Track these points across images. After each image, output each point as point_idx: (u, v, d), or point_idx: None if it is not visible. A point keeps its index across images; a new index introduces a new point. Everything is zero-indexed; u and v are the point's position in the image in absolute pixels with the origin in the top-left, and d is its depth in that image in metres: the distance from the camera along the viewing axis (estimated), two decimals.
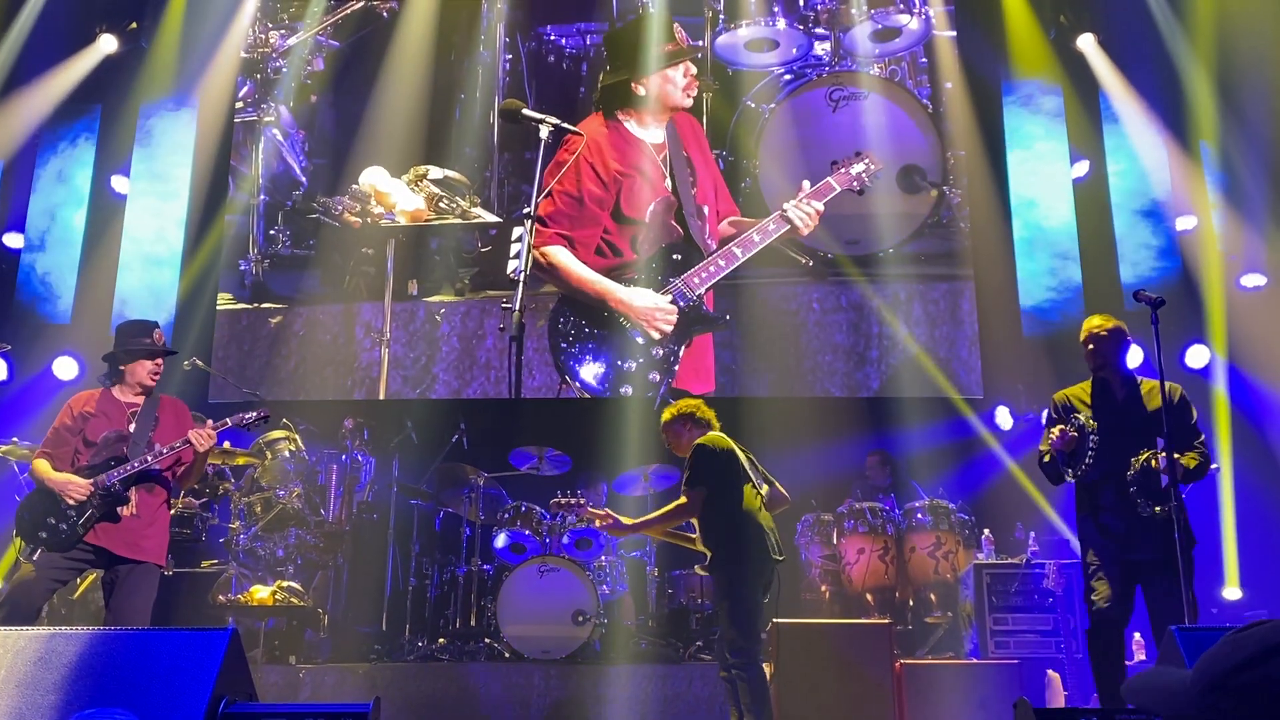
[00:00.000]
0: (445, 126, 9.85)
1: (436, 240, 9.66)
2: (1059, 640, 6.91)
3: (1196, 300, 9.02)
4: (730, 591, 5.37)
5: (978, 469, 9.03)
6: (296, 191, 9.86)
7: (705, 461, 5.49)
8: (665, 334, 8.99)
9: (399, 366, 9.41)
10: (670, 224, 9.26)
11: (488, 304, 9.48)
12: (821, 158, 9.46)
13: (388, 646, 7.77)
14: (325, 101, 10.03)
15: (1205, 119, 9.18)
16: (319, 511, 8.01)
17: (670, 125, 9.39)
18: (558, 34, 10.11)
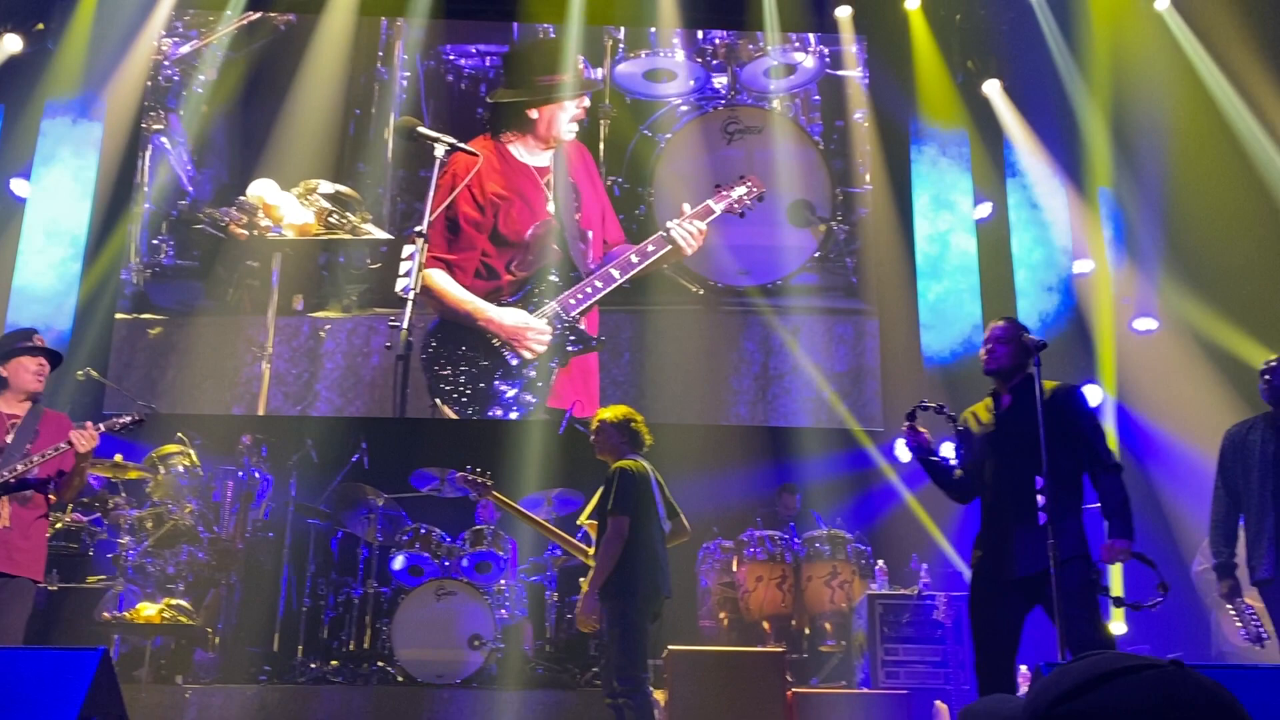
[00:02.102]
0: (339, 141, 9.79)
1: (325, 255, 9.57)
2: (947, 671, 7.03)
3: (1090, 342, 9.31)
4: (621, 620, 5.36)
5: (875, 500, 9.18)
6: (183, 201, 9.69)
7: (629, 487, 5.43)
8: (537, 354, 9.06)
9: (281, 383, 9.27)
10: (551, 247, 9.36)
11: (375, 321, 9.40)
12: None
13: (279, 668, 7.63)
14: (217, 112, 9.85)
15: (1103, 166, 9.51)
16: (213, 528, 7.84)
17: (558, 151, 9.50)
18: (457, 54, 10.13)
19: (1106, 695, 1.10)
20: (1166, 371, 9.02)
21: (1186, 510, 8.36)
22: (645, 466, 5.58)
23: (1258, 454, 5.12)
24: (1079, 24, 9.53)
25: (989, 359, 4.94)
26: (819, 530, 8.22)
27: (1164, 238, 9.30)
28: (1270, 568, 4.92)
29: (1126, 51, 9.30)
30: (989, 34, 10.22)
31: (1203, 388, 8.68)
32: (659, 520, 5.53)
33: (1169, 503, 8.50)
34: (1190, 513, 8.33)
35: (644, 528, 5.44)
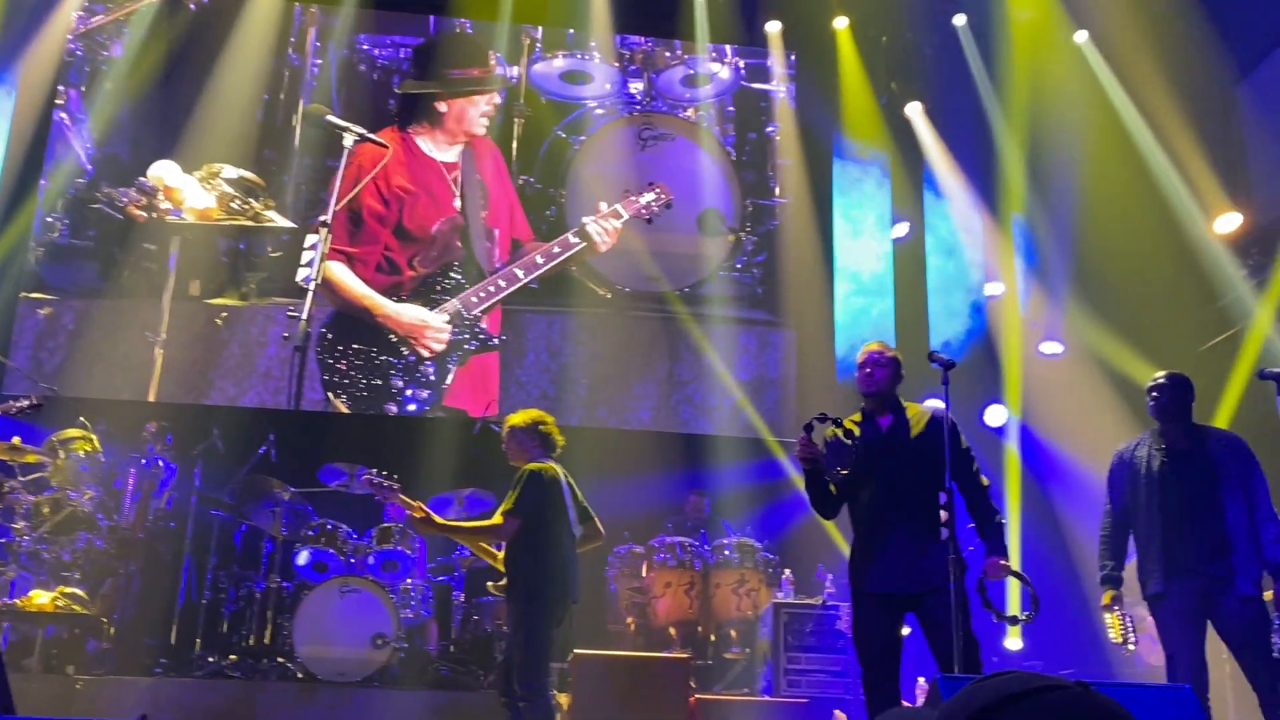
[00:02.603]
0: (246, 126, 9.61)
1: (225, 241, 9.40)
2: (847, 681, 7.13)
3: (996, 363, 9.54)
4: (525, 623, 5.36)
5: (785, 510, 9.28)
6: (80, 179, 9.43)
7: (532, 492, 5.38)
8: (434, 352, 9.05)
9: (173, 369, 9.08)
10: (455, 244, 9.35)
11: (274, 310, 9.25)
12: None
13: (175, 661, 7.46)
14: (123, 90, 9.58)
15: (1017, 193, 9.75)
16: (112, 516, 7.65)
17: (467, 147, 9.49)
18: (371, 44, 10.04)
19: (1014, 715, 1.12)
20: (1070, 394, 9.28)
21: (1087, 530, 8.59)
22: (556, 470, 5.55)
23: (1144, 471, 5.21)
24: (1001, 52, 9.77)
25: (868, 382, 5.04)
26: (728, 538, 8.29)
27: (1073, 264, 9.56)
28: (1160, 583, 5.05)
29: (1045, 81, 9.56)
30: (914, 57, 10.42)
31: (1105, 411, 8.94)
32: (569, 524, 5.50)
33: (1069, 523, 8.73)
34: (1089, 532, 8.55)
35: (552, 532, 5.41)
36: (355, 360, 9.07)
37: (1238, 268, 8.58)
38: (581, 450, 8.78)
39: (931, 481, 4.63)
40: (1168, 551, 5.05)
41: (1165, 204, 8.96)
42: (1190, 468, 5.13)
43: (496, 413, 8.68)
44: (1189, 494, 5.09)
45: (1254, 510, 4.99)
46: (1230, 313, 8.63)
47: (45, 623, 6.90)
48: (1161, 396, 5.24)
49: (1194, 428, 5.26)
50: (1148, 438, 5.34)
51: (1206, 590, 4.95)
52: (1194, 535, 5.01)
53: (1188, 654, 4.91)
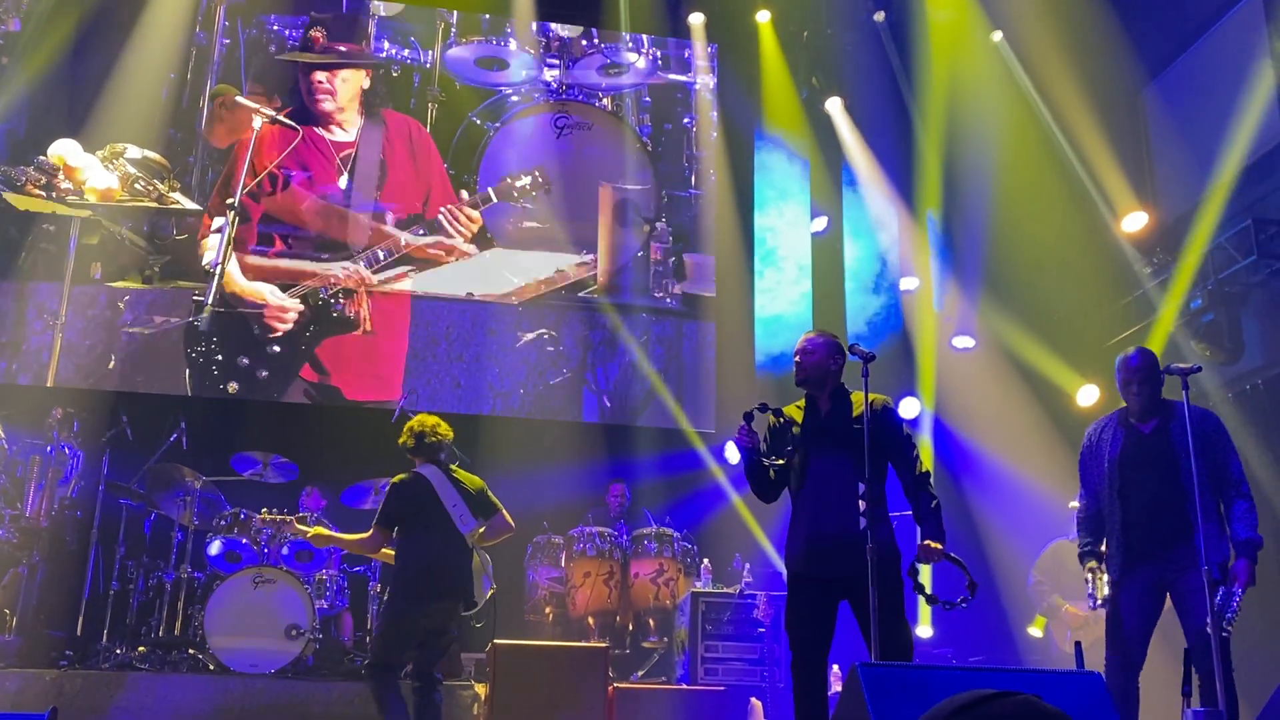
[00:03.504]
0: (150, 105, 9.40)
1: (128, 222, 9.18)
2: (764, 669, 7.21)
3: (912, 356, 9.71)
4: (386, 614, 5.78)
5: (704, 500, 9.35)
6: None
7: (390, 502, 5.63)
8: (280, 330, 9.02)
9: (72, 353, 8.86)
10: (333, 223, 9.34)
11: (178, 294, 9.07)
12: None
13: (81, 653, 7.28)
14: (20, 65, 9.31)
15: (932, 189, 9.92)
16: (16, 505, 7.42)
17: (370, 126, 9.47)
18: (282, 25, 9.87)
19: (985, 713, 1.24)
20: (981, 388, 9.48)
21: (997, 522, 8.81)
22: (422, 475, 5.68)
23: (1107, 452, 5.16)
24: (919, 50, 9.92)
25: (798, 371, 5.08)
26: (648, 528, 8.32)
27: (986, 260, 9.75)
28: (1118, 569, 5.04)
29: (962, 80, 9.73)
30: (833, 52, 10.55)
31: (1015, 404, 9.17)
32: (438, 529, 5.59)
33: (979, 513, 8.92)
34: (1000, 523, 8.78)
35: (413, 535, 5.62)
36: (213, 339, 8.94)
37: (1144, 265, 8.83)
38: (499, 441, 8.80)
39: (871, 470, 4.68)
40: (1127, 537, 5.00)
41: (1076, 202, 9.19)
42: (1152, 449, 5.04)
43: (399, 398, 8.56)
44: (1150, 478, 5.00)
45: (1222, 488, 4.90)
46: (1137, 309, 8.88)
47: None
48: (1122, 373, 5.13)
49: (1160, 405, 5.12)
50: (1113, 420, 5.26)
51: (1162, 576, 4.91)
52: (1154, 520, 4.93)
53: (1128, 641, 4.92)
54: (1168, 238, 8.75)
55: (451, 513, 5.62)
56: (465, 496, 5.70)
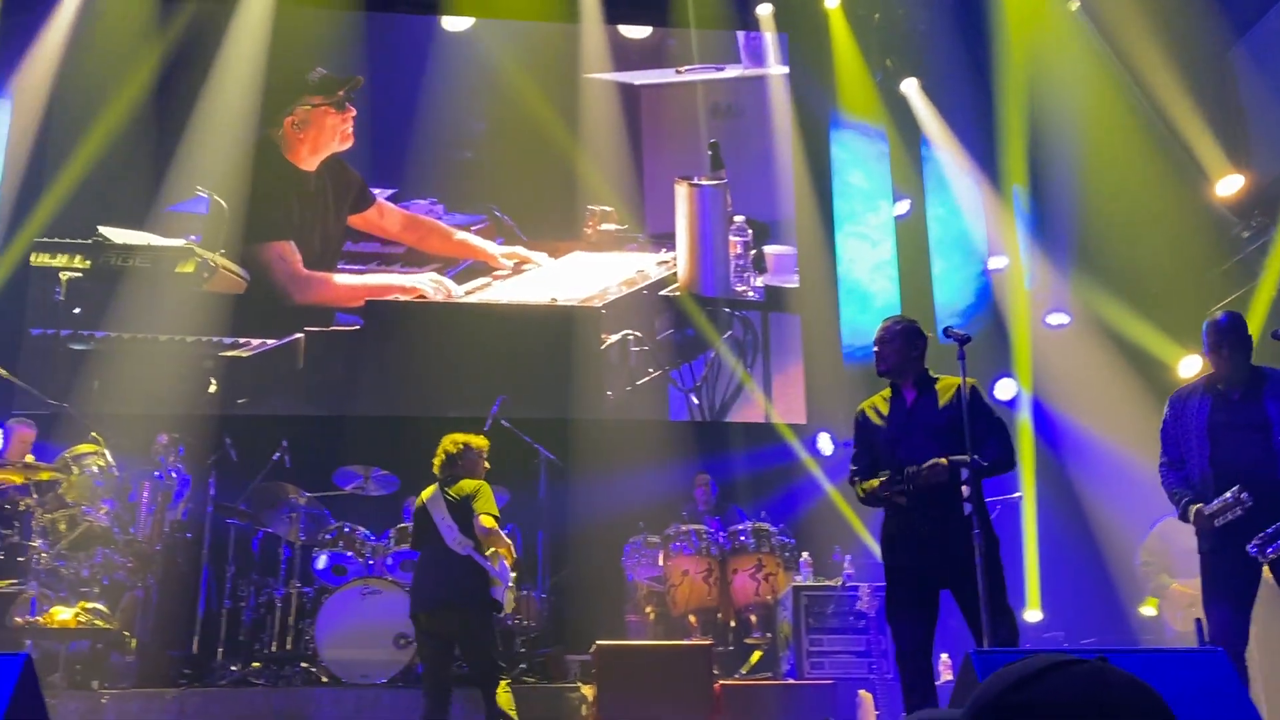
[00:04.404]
0: (232, 146, 9.66)
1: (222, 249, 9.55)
2: (871, 661, 7.13)
3: (1005, 336, 9.52)
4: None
5: (799, 493, 9.29)
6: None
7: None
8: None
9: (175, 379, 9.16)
10: (419, 236, 9.91)
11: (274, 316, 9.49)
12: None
13: (198, 671, 7.47)
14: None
15: (1017, 164, 9.71)
16: (128, 530, 7.64)
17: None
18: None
19: (1049, 686, 1.18)
20: (1079, 365, 9.26)
21: (1103, 500, 8.60)
22: (422, 497, 6.06)
23: (1194, 419, 5.01)
24: (995, 23, 9.72)
25: (878, 361, 5.02)
26: (743, 524, 8.28)
27: (1076, 234, 9.53)
28: (1209, 538, 4.87)
29: (1042, 50, 9.52)
30: (907, 33, 10.40)
31: (1114, 380, 8.93)
32: (431, 542, 5.91)
33: (1085, 494, 8.73)
34: (1106, 503, 8.57)
35: (419, 555, 6.11)
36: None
37: (1241, 229, 8.55)
38: (588, 445, 8.85)
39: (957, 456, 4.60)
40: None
41: (1167, 168, 8.92)
42: (1241, 416, 4.89)
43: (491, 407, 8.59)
44: (1241, 445, 4.86)
45: None
46: (1237, 274, 8.60)
47: (68, 639, 6.90)
48: (1209, 338, 4.99)
49: (1251, 371, 4.97)
50: (1200, 385, 5.12)
51: (1259, 544, 4.72)
52: (1247, 489, 4.74)
53: (1226, 613, 4.80)
54: (1265, 200, 8.45)
55: (439, 525, 5.87)
56: (449, 506, 5.90)
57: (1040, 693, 1.18)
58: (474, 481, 5.99)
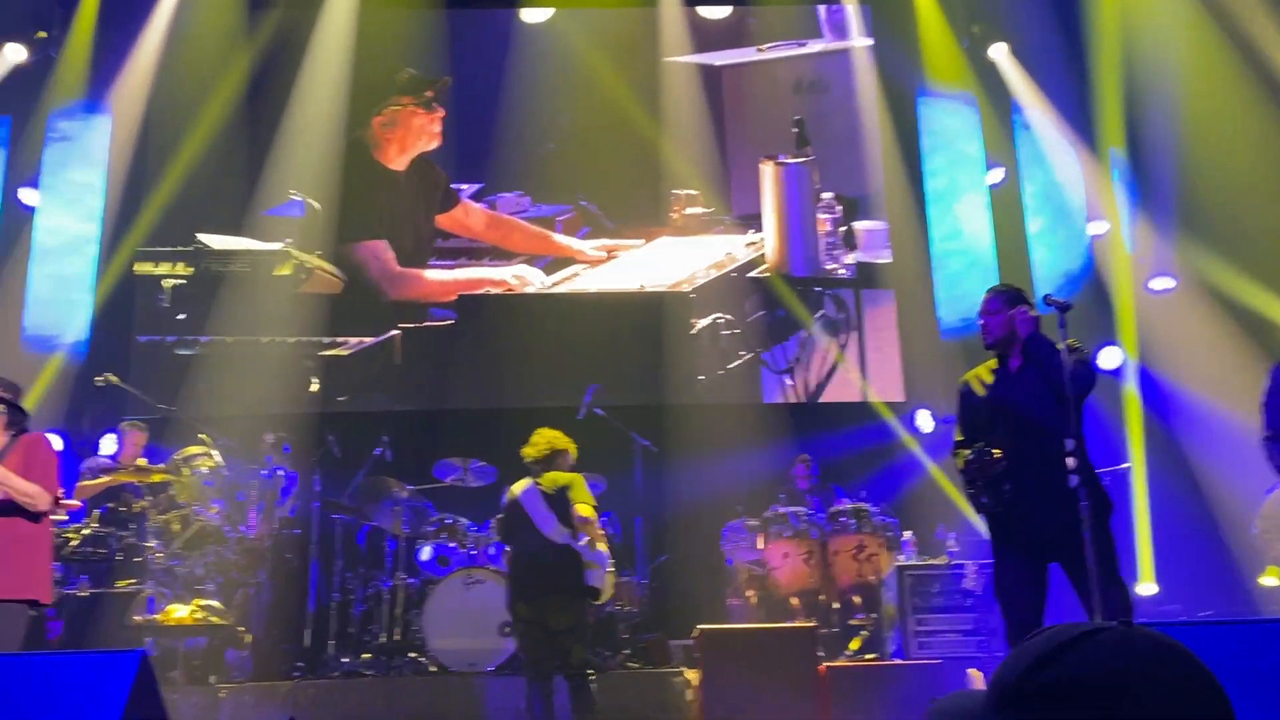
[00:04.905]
0: (324, 149, 9.81)
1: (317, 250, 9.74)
2: (979, 639, 7.02)
3: (1108, 303, 9.25)
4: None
5: (899, 471, 9.16)
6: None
7: (498, 518, 6.43)
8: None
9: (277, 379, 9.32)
10: (504, 234, 10.08)
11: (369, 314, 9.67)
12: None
13: (311, 664, 7.66)
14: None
15: (1114, 126, 9.41)
16: (239, 528, 7.85)
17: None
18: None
19: (1070, 663, 1.12)
20: (1186, 330, 8.97)
21: (1217, 469, 8.32)
22: (511, 489, 6.17)
23: None
24: None
25: (984, 334, 4.92)
26: (843, 504, 8.19)
27: (1178, 194, 9.22)
28: None
29: (1135, 4, 9.20)
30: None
31: (1223, 343, 8.63)
32: (526, 534, 6.00)
33: (1198, 463, 8.46)
34: (1219, 471, 8.29)
35: (513, 547, 6.21)
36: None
37: None
38: (682, 430, 8.83)
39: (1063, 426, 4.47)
40: None
41: (1273, 121, 8.57)
42: None
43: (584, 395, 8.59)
44: None
45: None
46: None
47: (185, 635, 7.13)
48: None
49: None
50: None
51: None
52: None
53: None
54: None
55: (534, 517, 5.97)
56: (545, 499, 6.02)
57: (1064, 670, 1.11)
58: (567, 474, 6.12)
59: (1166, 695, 1.08)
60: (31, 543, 5.17)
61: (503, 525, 6.22)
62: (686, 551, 8.73)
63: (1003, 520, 4.72)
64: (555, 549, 5.92)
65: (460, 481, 8.29)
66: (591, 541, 6.01)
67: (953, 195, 10.15)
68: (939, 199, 10.12)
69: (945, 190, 10.15)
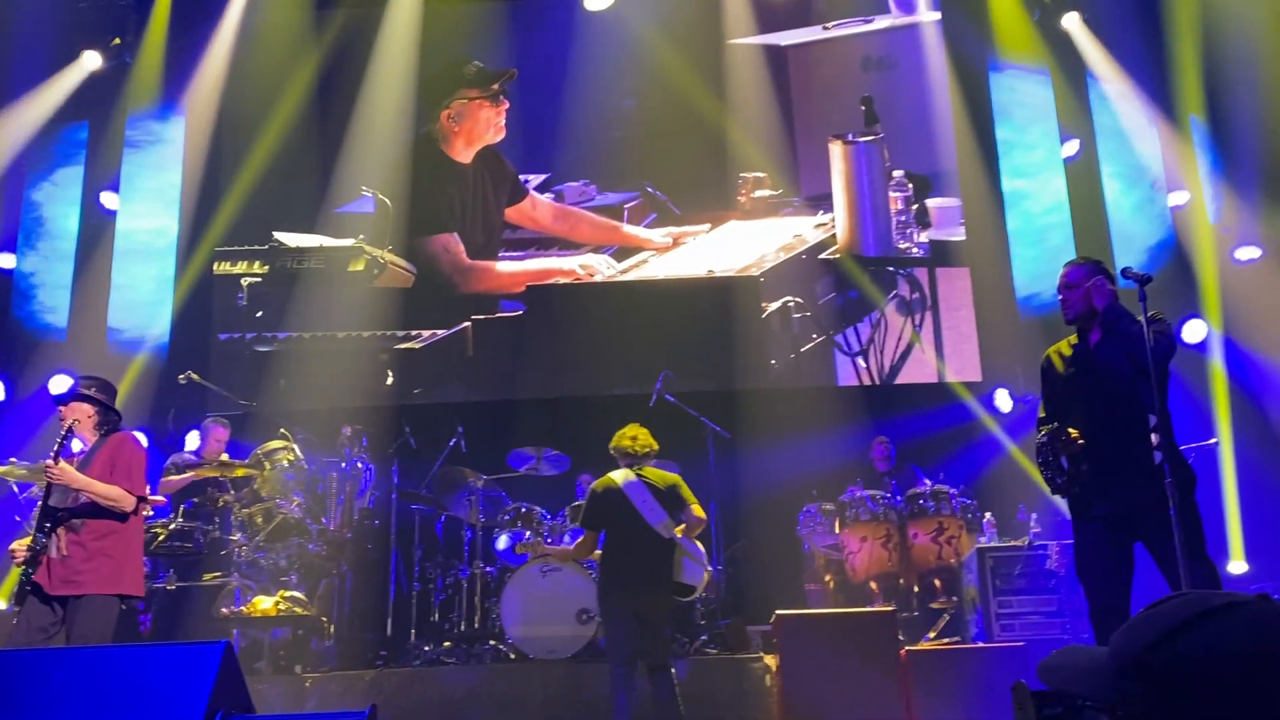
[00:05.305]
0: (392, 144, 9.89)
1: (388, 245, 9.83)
2: (1064, 620, 6.90)
3: (1191, 275, 9.01)
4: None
5: (978, 452, 9.01)
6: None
7: (586, 505, 6.28)
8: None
9: (353, 373, 9.46)
10: (570, 225, 10.08)
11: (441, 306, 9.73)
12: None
13: (393, 652, 7.77)
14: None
15: (1193, 93, 9.15)
16: (320, 520, 8.00)
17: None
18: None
19: (1199, 639, 1.04)
20: (1274, 300, 8.69)
21: None
22: (612, 479, 6.13)
23: None
24: None
25: (1065, 308, 4.83)
26: (922, 486, 8.09)
27: (1263, 161, 8.92)
28: None
29: None
30: None
31: None
32: (630, 525, 6.00)
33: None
34: None
35: (607, 536, 6.12)
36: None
37: None
38: (754, 415, 8.78)
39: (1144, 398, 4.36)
40: None
41: None
42: None
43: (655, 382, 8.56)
44: None
45: None
46: None
47: (270, 626, 7.27)
48: None
49: None
50: None
51: None
52: None
53: None
54: None
55: (640, 509, 6.00)
56: (654, 493, 6.06)
57: (1195, 645, 1.03)
58: (671, 473, 6.29)
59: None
60: (120, 540, 5.33)
61: (598, 512, 6.13)
62: (762, 537, 8.69)
63: (1084, 497, 4.62)
64: (660, 542, 6.02)
65: (534, 471, 8.35)
66: (693, 540, 6.19)
67: (1027, 169, 9.94)
68: (1013, 173, 9.91)
69: (1019, 164, 9.94)
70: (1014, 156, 9.95)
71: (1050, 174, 9.86)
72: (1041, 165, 9.91)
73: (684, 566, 6.10)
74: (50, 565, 5.14)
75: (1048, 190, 9.84)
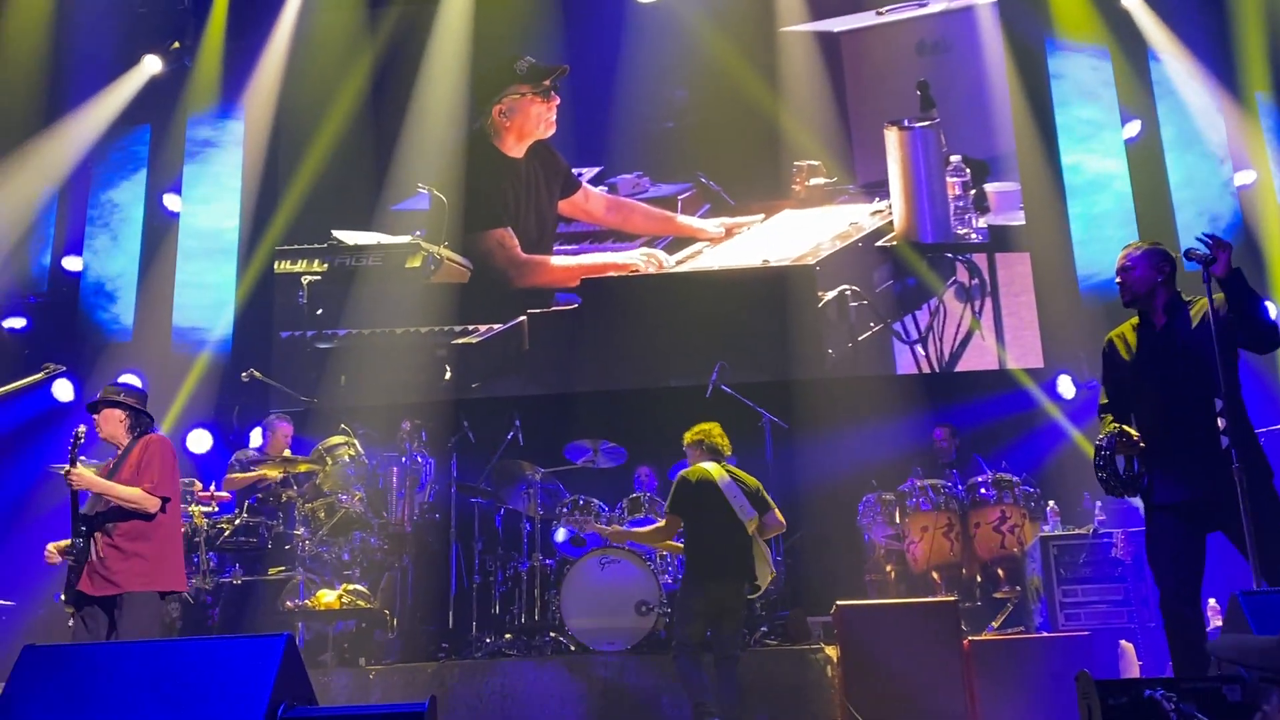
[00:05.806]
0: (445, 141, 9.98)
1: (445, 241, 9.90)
2: (1130, 609, 6.77)
3: (1259, 255, 8.80)
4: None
5: (1041, 440, 8.88)
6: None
7: (678, 492, 6.34)
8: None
9: (412, 369, 9.59)
10: (623, 217, 10.08)
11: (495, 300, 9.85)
12: None
13: (455, 644, 7.84)
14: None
15: (1258, 69, 8.94)
16: (381, 514, 8.09)
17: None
18: None
19: None
20: None
21: None
22: (708, 471, 6.29)
23: None
24: None
25: (1123, 291, 4.72)
26: (984, 475, 7.99)
27: None
28: None
29: None
30: None
31: None
32: (722, 517, 6.18)
33: None
34: None
35: (696, 525, 6.27)
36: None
37: None
38: (812, 405, 8.73)
39: (1226, 382, 4.25)
40: None
41: None
42: None
43: (711, 373, 8.53)
44: None
45: None
46: None
47: (334, 620, 7.37)
48: None
49: None
50: None
51: None
52: None
53: None
54: None
55: (733, 503, 6.20)
56: (745, 491, 6.28)
57: None
58: (752, 477, 6.48)
59: None
60: (154, 538, 5.44)
61: (689, 500, 6.25)
62: (821, 528, 8.64)
63: (1155, 484, 4.52)
64: (746, 539, 6.22)
65: (591, 463, 8.36)
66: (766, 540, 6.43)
67: (1088, 151, 9.76)
68: (1073, 155, 9.73)
69: (1079, 146, 9.77)
70: (1073, 138, 9.78)
71: (1111, 155, 9.67)
72: (1102, 146, 9.72)
73: (762, 566, 6.30)
74: (90, 568, 5.30)
75: (1109, 172, 9.65)
